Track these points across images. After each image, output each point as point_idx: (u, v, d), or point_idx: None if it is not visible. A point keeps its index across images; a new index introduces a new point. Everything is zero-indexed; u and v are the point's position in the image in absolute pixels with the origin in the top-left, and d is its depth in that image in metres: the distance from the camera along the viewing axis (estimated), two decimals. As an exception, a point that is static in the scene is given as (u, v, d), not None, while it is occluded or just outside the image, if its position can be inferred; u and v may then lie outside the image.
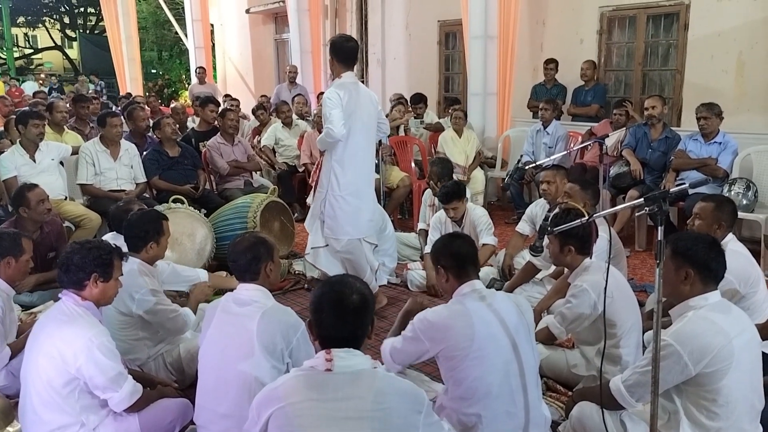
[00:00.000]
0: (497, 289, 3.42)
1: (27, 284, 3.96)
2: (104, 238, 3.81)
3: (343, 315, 1.85)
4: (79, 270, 2.43)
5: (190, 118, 8.58)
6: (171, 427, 2.61)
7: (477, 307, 2.37)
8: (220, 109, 6.67)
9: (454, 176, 5.48)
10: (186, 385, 3.09)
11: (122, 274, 2.62)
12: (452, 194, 4.47)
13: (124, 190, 5.33)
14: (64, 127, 6.09)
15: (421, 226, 5.30)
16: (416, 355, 2.49)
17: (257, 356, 2.31)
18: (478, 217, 4.53)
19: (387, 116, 7.54)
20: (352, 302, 1.86)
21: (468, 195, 4.71)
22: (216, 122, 6.37)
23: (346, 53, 3.90)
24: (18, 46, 29.44)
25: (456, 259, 2.46)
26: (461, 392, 2.33)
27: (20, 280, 3.22)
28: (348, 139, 3.87)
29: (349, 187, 3.95)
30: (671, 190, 2.11)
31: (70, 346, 2.31)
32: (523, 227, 4.57)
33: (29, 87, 16.14)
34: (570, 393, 2.94)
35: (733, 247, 3.06)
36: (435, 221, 4.79)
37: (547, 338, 3.09)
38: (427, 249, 4.74)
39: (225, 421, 2.35)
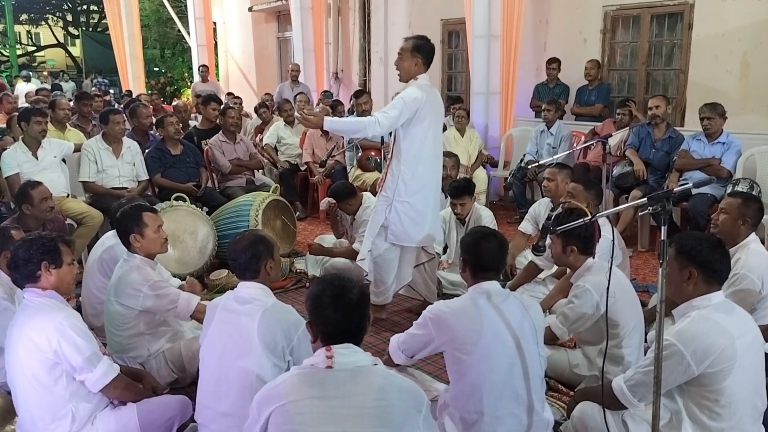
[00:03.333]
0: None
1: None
2: (106, 235, 3.82)
3: (345, 308, 1.85)
4: (27, 263, 2.44)
5: (192, 116, 8.58)
6: (170, 424, 2.61)
7: (486, 306, 2.37)
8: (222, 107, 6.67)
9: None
10: (187, 383, 3.09)
11: (74, 260, 2.62)
12: (463, 189, 4.49)
13: (126, 188, 5.32)
14: (67, 124, 6.10)
15: None
16: (422, 343, 2.49)
17: (258, 354, 2.31)
18: (483, 218, 4.52)
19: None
20: (355, 295, 1.87)
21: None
22: (217, 120, 6.37)
23: (431, 54, 3.72)
24: (21, 44, 29.47)
25: (476, 258, 2.46)
26: (463, 388, 2.33)
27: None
28: (422, 144, 3.67)
29: (416, 192, 3.75)
30: (675, 189, 2.10)
31: (41, 333, 2.33)
32: (526, 227, 4.56)
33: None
34: (572, 393, 2.94)
35: (755, 247, 3.04)
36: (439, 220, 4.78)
37: (549, 338, 3.07)
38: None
39: (226, 420, 2.34)
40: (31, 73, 17.12)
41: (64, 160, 5.37)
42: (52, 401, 2.37)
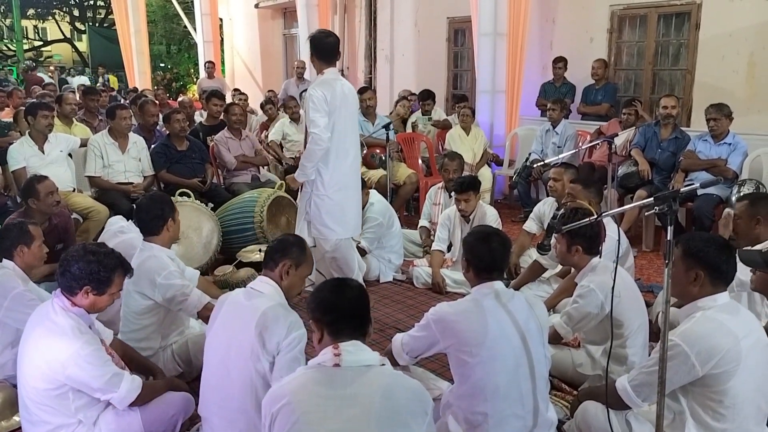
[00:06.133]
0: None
1: (36, 275, 3.98)
2: (111, 219, 3.84)
3: (345, 292, 1.92)
4: (73, 279, 2.40)
5: (198, 113, 8.59)
6: (173, 422, 2.61)
7: (492, 306, 2.36)
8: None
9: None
10: (193, 377, 3.09)
11: (121, 289, 2.57)
12: (468, 184, 4.50)
13: (132, 183, 5.34)
14: (73, 119, 6.12)
15: (422, 223, 5.30)
16: (426, 345, 2.48)
17: (258, 350, 2.31)
18: (487, 216, 4.52)
19: (391, 113, 7.58)
20: (354, 284, 1.98)
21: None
22: (221, 116, 6.37)
23: (327, 49, 3.79)
24: (27, 38, 29.51)
25: (481, 260, 2.44)
26: (468, 389, 2.33)
27: (38, 265, 3.25)
28: (332, 136, 3.76)
29: (333, 185, 3.86)
30: (682, 190, 2.10)
31: (56, 357, 2.30)
32: (531, 226, 4.56)
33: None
34: (575, 392, 2.94)
35: None
36: (443, 218, 4.79)
37: (553, 338, 3.06)
38: (435, 246, 4.75)
39: (229, 414, 2.35)
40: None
41: (70, 155, 5.39)
42: (56, 410, 2.36)
